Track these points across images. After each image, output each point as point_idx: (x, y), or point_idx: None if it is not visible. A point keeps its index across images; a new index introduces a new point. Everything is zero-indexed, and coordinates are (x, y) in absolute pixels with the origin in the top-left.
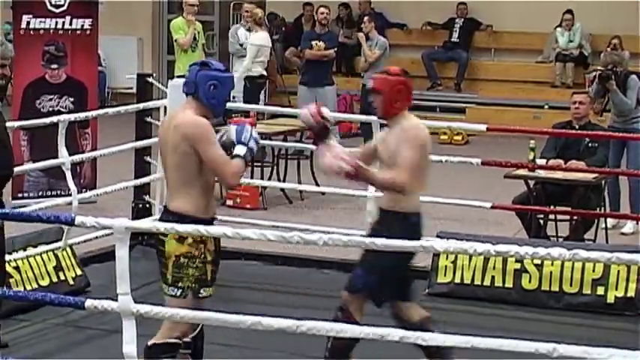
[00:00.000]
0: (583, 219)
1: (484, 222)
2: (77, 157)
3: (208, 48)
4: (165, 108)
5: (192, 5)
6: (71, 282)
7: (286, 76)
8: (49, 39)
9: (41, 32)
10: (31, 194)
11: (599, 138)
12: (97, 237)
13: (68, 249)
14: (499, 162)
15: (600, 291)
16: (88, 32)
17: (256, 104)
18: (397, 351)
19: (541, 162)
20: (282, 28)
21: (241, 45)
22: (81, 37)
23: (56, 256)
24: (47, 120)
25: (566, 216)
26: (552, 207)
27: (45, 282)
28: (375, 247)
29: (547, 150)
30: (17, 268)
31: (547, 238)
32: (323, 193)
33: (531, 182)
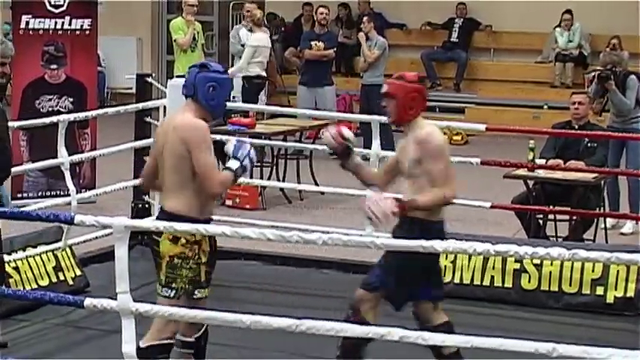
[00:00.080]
0: (582, 219)
1: (483, 222)
2: (76, 157)
3: (208, 48)
4: (164, 108)
5: (191, 5)
6: (70, 282)
7: (286, 77)
8: (49, 39)
9: (40, 32)
10: (31, 194)
11: (598, 138)
12: (97, 237)
13: (68, 249)
14: (498, 162)
15: (600, 291)
16: (88, 32)
17: (254, 105)
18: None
19: (540, 162)
20: (281, 29)
21: (243, 46)
22: (80, 38)
23: (56, 257)
24: (47, 120)
25: (565, 216)
26: (552, 207)
27: (44, 282)
28: (375, 247)
29: (546, 150)
30: (17, 269)
31: (546, 238)
32: (322, 193)
33: (531, 182)
